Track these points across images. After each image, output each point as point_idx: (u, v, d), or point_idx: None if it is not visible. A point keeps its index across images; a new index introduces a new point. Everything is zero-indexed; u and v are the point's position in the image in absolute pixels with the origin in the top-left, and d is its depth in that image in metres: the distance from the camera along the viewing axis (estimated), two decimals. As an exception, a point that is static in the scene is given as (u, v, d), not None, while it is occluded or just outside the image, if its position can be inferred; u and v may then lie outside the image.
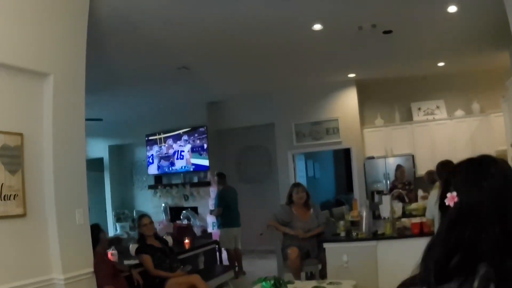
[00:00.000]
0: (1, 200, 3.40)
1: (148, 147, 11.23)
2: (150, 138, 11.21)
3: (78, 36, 4.13)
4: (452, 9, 5.39)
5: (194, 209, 10.49)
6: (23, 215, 3.56)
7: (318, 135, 9.44)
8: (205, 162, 10.45)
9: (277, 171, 9.94)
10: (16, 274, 3.44)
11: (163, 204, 10.83)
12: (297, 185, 6.06)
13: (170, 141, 10.96)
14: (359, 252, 4.98)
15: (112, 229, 11.68)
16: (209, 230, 9.74)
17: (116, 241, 6.20)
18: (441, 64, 8.32)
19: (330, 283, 3.80)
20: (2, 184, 3.42)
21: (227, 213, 8.26)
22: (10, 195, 3.49)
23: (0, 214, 3.38)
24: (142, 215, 5.89)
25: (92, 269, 4.00)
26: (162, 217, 10.69)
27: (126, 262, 5.19)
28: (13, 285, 3.38)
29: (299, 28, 5.95)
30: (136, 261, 5.20)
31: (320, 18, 5.64)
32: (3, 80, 3.49)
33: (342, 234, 5.29)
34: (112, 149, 12.15)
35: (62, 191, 3.83)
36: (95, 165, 12.20)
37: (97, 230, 4.45)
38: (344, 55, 7.45)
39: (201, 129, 10.48)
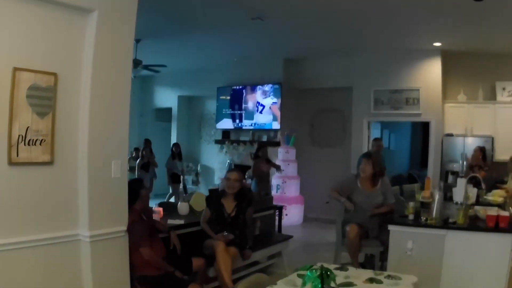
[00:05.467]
0: (24, 145, 3.11)
1: (218, 100, 10.86)
2: (222, 91, 10.83)
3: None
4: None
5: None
6: (50, 163, 3.29)
7: (397, 104, 8.84)
8: (276, 121, 9.95)
9: (351, 138, 9.43)
10: (38, 227, 3.22)
11: (228, 161, 10.50)
12: (366, 155, 5.42)
13: (242, 96, 10.52)
14: (426, 240, 4.31)
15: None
16: (273, 192, 9.32)
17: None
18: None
19: (389, 277, 3.20)
20: (28, 127, 3.13)
21: None
22: (36, 140, 3.21)
23: (23, 160, 3.11)
24: (233, 169, 5.65)
25: (125, 228, 3.66)
26: (226, 174, 10.36)
27: (170, 221, 4.81)
28: (34, 237, 3.17)
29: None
30: (181, 221, 4.83)
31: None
32: (38, 15, 3.16)
33: (410, 217, 4.61)
34: (182, 100, 11.95)
35: (98, 139, 3.49)
36: (163, 114, 12.13)
37: (137, 185, 4.05)
38: (432, 21, 6.76)
39: (275, 86, 9.95)
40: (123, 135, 3.72)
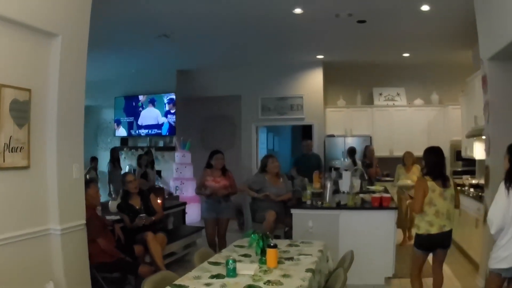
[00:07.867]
0: (9, 152, 3.59)
1: (116, 109, 11.36)
2: (119, 100, 11.35)
3: (85, -1, 4.31)
4: (425, 8, 5.93)
5: (158, 173, 10.76)
6: (27, 167, 3.78)
7: (282, 110, 10.04)
8: (172, 127, 10.73)
9: (240, 142, 10.37)
10: (16, 224, 3.66)
11: (127, 166, 11.05)
12: (271, 156, 6.52)
13: (138, 105, 11.14)
14: (323, 219, 5.46)
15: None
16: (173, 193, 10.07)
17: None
18: (406, 54, 8.92)
19: (302, 242, 4.26)
20: (11, 136, 3.61)
21: None
22: (17, 148, 3.68)
23: (7, 166, 3.58)
24: (126, 173, 6.45)
25: (84, 221, 4.28)
26: (126, 178, 10.90)
27: (107, 217, 5.50)
28: (13, 234, 3.59)
29: (280, 10, 6.29)
30: (117, 217, 5.55)
31: (302, 3, 6.02)
32: (15, 38, 3.65)
33: (308, 202, 5.78)
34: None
35: (63, 146, 4.08)
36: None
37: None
38: (318, 38, 7.86)
39: (169, 95, 10.71)
40: (80, 142, 4.37)
